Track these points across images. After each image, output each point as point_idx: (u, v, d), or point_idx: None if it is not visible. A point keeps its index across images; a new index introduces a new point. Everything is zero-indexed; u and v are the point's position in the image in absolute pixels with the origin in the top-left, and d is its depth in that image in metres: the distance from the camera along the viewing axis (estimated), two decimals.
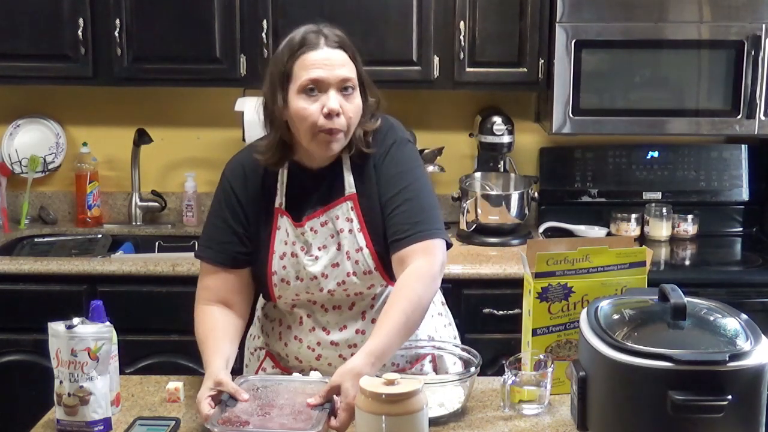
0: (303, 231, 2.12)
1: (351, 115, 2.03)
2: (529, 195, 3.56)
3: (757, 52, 3.27)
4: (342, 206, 2.11)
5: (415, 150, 2.21)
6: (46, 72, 3.46)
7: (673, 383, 1.65)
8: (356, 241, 2.10)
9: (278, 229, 2.14)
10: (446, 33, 3.38)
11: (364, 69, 2.10)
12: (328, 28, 2.07)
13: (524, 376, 1.97)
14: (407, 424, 1.71)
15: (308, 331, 2.18)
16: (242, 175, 2.15)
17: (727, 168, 3.73)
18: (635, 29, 3.29)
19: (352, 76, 2.04)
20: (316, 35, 2.04)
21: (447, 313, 2.37)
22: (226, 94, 3.57)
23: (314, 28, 2.06)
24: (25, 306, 3.23)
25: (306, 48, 2.02)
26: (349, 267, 2.10)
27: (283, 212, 2.14)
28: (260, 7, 3.36)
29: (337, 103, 2.00)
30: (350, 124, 2.04)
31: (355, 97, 2.05)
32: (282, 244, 2.13)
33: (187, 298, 3.27)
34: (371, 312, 2.16)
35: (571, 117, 3.34)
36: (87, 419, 1.87)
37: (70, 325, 1.86)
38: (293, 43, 2.05)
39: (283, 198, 2.14)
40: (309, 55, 2.02)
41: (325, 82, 2.01)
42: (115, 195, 3.87)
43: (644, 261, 2.06)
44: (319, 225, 2.12)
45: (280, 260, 2.13)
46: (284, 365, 2.24)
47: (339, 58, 2.03)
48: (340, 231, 2.10)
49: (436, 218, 2.09)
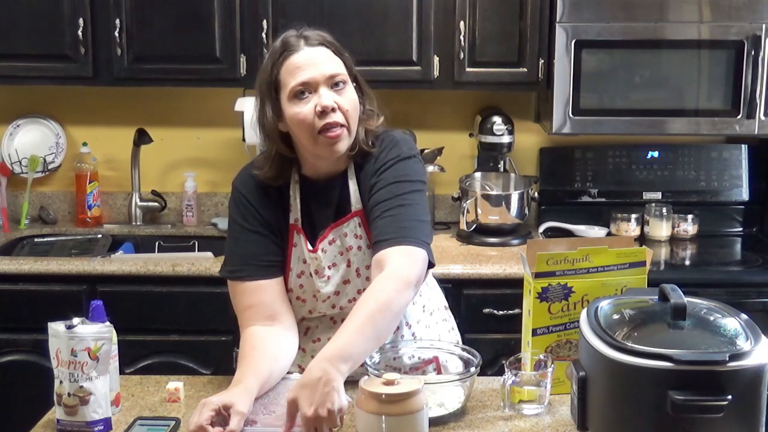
0: (316, 256, 2.09)
1: (347, 108, 2.00)
2: (529, 195, 3.56)
3: (757, 52, 3.27)
4: (350, 223, 2.08)
5: (423, 168, 2.15)
6: (46, 72, 3.46)
7: (673, 383, 1.65)
8: (366, 258, 2.08)
9: (294, 247, 2.10)
10: (446, 33, 3.38)
11: (355, 67, 2.08)
12: (309, 30, 2.05)
13: (524, 376, 1.97)
14: (407, 424, 1.71)
15: (312, 342, 2.17)
16: (254, 187, 2.10)
17: (727, 168, 3.73)
18: (635, 29, 3.29)
19: (339, 71, 2.01)
20: (296, 38, 2.02)
21: (450, 318, 2.36)
22: (226, 94, 3.57)
23: (294, 32, 2.04)
24: (25, 306, 3.24)
25: (287, 52, 2.00)
26: (360, 284, 2.09)
27: (299, 230, 2.10)
28: (260, 7, 3.36)
29: (330, 99, 1.97)
30: (348, 118, 2.00)
31: (347, 91, 2.02)
32: (300, 262, 2.10)
33: (187, 298, 3.30)
34: None
35: (571, 117, 3.34)
36: (87, 419, 1.86)
37: (70, 325, 1.86)
38: (275, 50, 2.03)
39: (299, 214, 2.10)
40: (292, 59, 1.99)
41: (314, 82, 1.98)
42: (115, 195, 3.87)
43: (644, 261, 2.06)
44: (327, 244, 2.09)
45: (297, 278, 2.11)
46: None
47: (322, 56, 2.00)
48: (349, 248, 2.08)
49: (426, 233, 2.03)
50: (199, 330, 3.25)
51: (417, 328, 2.21)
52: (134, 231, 3.75)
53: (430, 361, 2.18)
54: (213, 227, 3.75)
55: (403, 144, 2.11)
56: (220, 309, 3.22)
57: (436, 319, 2.28)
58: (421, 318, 2.22)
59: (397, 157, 2.07)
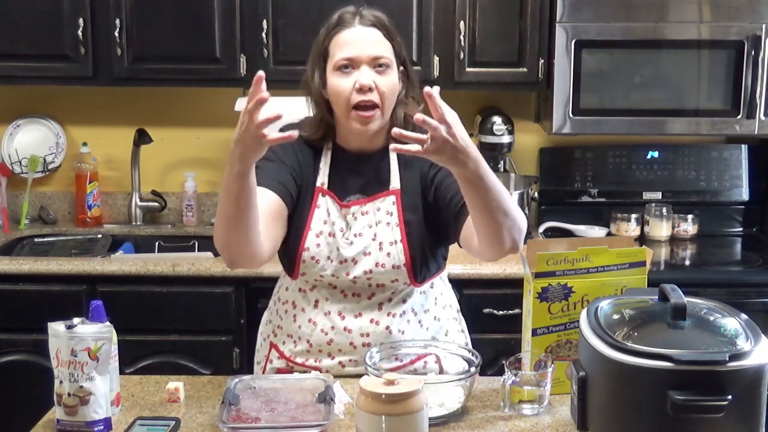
0: (347, 213, 2.15)
1: (384, 89, 2.07)
2: (529, 195, 3.56)
3: (757, 52, 3.27)
4: (385, 200, 2.15)
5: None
6: (46, 72, 3.46)
7: (673, 383, 1.65)
8: (392, 234, 2.12)
9: (318, 208, 2.15)
10: (446, 33, 3.38)
11: (406, 54, 2.15)
12: (367, 9, 2.13)
13: (524, 376, 1.97)
14: (407, 424, 1.71)
15: (323, 315, 2.18)
16: (291, 146, 2.16)
17: (727, 168, 3.73)
18: (635, 29, 3.29)
19: (385, 54, 2.09)
20: (352, 15, 2.11)
21: (461, 321, 2.37)
22: (226, 94, 3.57)
23: (352, 9, 2.13)
24: (25, 306, 3.23)
25: (340, 27, 2.10)
26: (380, 258, 2.12)
27: (325, 191, 2.16)
28: (260, 7, 3.36)
29: (369, 79, 2.05)
30: (384, 99, 2.07)
31: (389, 75, 2.09)
32: (320, 222, 2.15)
33: (187, 298, 3.30)
34: (388, 305, 2.17)
35: (571, 117, 3.34)
36: (87, 419, 1.86)
37: (70, 325, 1.86)
38: (331, 22, 2.13)
39: (326, 178, 2.17)
40: (343, 34, 2.09)
41: (357, 60, 2.06)
42: (115, 195, 3.87)
43: (644, 261, 2.06)
44: (360, 213, 2.15)
45: (316, 238, 2.14)
46: (290, 354, 2.22)
47: (372, 37, 2.09)
48: (378, 222, 2.14)
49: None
50: (199, 330, 3.25)
51: (423, 317, 2.22)
52: (134, 231, 3.75)
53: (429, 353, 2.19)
54: (213, 227, 3.74)
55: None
56: (220, 309, 3.23)
57: (447, 315, 2.29)
58: (430, 308, 2.24)
59: None
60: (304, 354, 2.20)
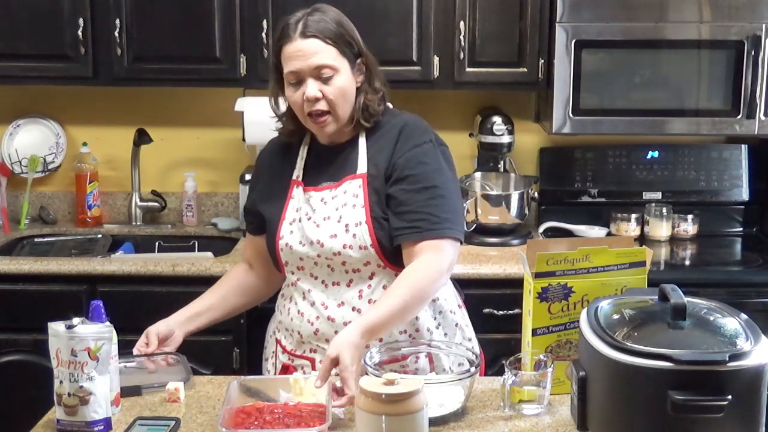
0: (309, 197, 2.22)
1: (331, 96, 2.14)
2: (529, 195, 3.56)
3: (757, 52, 3.27)
4: (352, 182, 2.20)
5: (451, 156, 2.31)
6: (46, 72, 3.46)
7: (673, 383, 1.65)
8: (357, 216, 2.16)
9: (292, 199, 2.26)
10: (446, 33, 3.38)
11: (360, 44, 2.21)
12: (316, 13, 2.16)
13: (524, 376, 1.97)
14: (407, 424, 1.71)
15: (310, 306, 2.23)
16: (275, 150, 2.35)
17: (727, 168, 3.73)
18: (635, 29, 3.29)
19: (326, 63, 2.13)
20: (294, 25, 2.15)
21: (460, 314, 2.38)
22: (226, 94, 3.57)
23: (298, 16, 2.16)
24: (25, 306, 3.23)
25: (282, 41, 2.16)
26: (347, 240, 2.16)
27: (298, 183, 2.27)
28: (260, 7, 3.36)
29: (314, 90, 2.13)
30: (334, 105, 2.15)
31: (336, 79, 2.14)
32: (293, 211, 2.25)
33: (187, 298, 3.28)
34: (368, 291, 2.20)
35: (571, 117, 3.34)
36: (87, 419, 1.86)
37: (70, 325, 1.86)
38: (276, 34, 2.20)
39: (300, 171, 2.28)
40: (286, 48, 2.15)
41: (301, 73, 2.14)
42: (115, 195, 3.87)
43: (644, 261, 2.06)
44: (330, 198, 2.21)
45: (289, 225, 2.24)
46: (292, 348, 2.27)
47: (311, 48, 2.13)
48: (344, 204, 2.19)
49: (461, 221, 2.23)
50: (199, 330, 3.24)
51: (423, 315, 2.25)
52: (134, 231, 3.75)
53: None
54: (213, 227, 3.75)
55: (432, 133, 2.27)
56: None
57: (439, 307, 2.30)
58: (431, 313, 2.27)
59: (430, 141, 2.23)
60: (299, 346, 2.25)
